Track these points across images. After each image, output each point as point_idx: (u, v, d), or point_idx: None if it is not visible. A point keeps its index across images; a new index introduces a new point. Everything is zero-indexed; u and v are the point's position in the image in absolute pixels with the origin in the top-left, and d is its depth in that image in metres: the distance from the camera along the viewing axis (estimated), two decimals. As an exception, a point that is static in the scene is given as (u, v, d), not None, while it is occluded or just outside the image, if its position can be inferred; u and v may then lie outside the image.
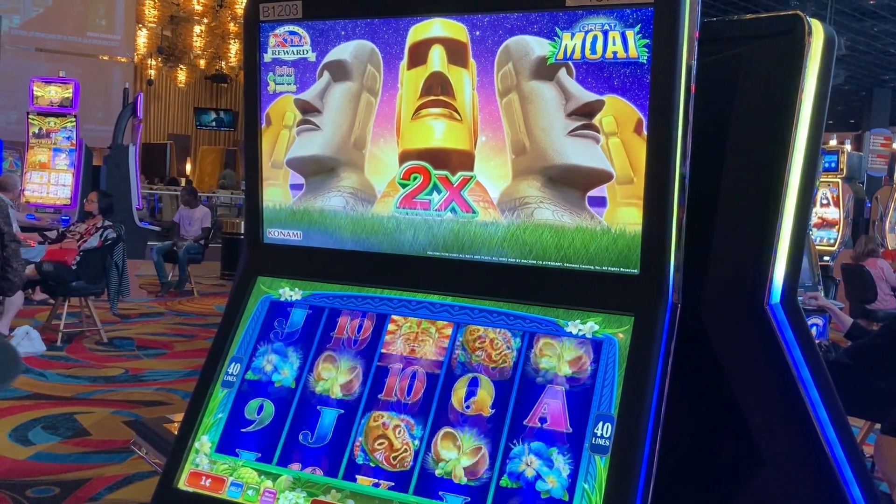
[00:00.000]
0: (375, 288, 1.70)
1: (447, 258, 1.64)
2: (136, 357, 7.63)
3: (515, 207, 1.57)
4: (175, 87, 22.93)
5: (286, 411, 1.63)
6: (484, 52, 1.56)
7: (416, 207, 1.65)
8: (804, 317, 1.72)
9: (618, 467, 1.36)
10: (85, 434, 5.44)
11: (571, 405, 1.45)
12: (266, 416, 1.65)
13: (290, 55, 1.73)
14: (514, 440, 1.46)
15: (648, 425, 1.38)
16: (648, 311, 1.47)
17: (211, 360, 1.72)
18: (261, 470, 1.58)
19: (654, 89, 1.42)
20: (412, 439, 1.52)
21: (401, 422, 1.55)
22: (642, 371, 1.42)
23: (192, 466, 1.63)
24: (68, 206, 10.96)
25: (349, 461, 1.54)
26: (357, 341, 1.66)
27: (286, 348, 1.71)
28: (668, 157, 1.43)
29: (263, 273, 1.80)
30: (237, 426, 1.65)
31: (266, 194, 1.80)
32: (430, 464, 1.49)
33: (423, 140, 1.63)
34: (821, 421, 1.70)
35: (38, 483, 4.54)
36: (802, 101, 1.63)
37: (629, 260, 1.49)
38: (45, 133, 11.07)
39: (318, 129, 1.73)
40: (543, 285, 1.56)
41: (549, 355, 1.51)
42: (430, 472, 1.48)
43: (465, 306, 1.62)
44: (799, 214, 1.66)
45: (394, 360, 1.62)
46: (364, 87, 1.67)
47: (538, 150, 1.53)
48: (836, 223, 11.60)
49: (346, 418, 1.59)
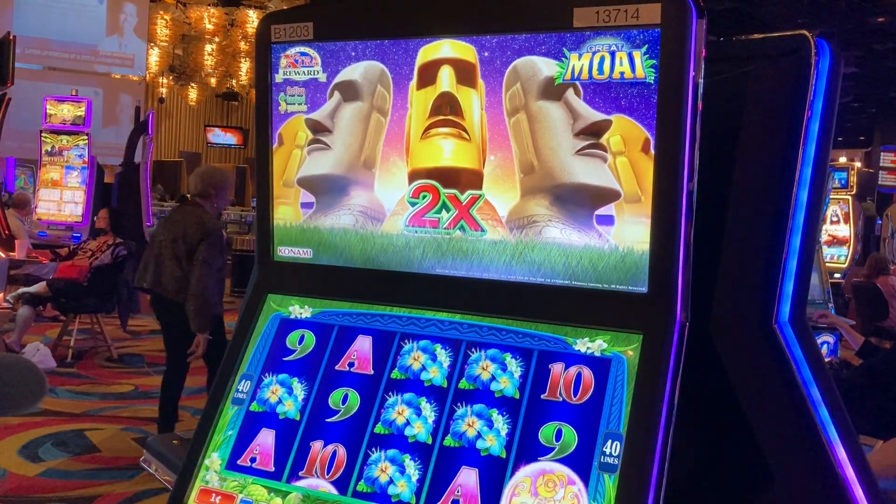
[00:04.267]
0: (385, 305, 1.71)
1: (456, 276, 1.65)
2: (146, 374, 7.65)
3: (524, 226, 1.58)
4: (186, 105, 23.11)
5: (295, 429, 1.64)
6: (492, 73, 1.58)
7: (425, 225, 1.67)
8: (813, 335, 1.72)
9: (627, 486, 1.36)
10: (94, 451, 5.45)
11: (580, 424, 1.45)
12: (275, 433, 1.65)
13: (301, 76, 1.75)
14: (524, 459, 1.46)
15: (657, 444, 1.38)
16: (657, 329, 1.47)
17: (221, 377, 1.73)
18: (271, 487, 1.59)
19: (661, 109, 1.44)
20: (418, 462, 1.53)
21: (407, 446, 1.55)
22: (651, 389, 1.43)
23: (203, 483, 1.64)
24: (80, 223, 11.03)
25: (357, 479, 1.54)
26: (366, 359, 1.67)
27: (296, 367, 1.71)
28: (675, 175, 1.44)
29: (274, 290, 1.82)
30: (248, 443, 1.65)
31: (277, 212, 1.82)
32: (437, 485, 1.49)
33: (432, 159, 1.65)
34: (831, 441, 1.69)
35: (48, 500, 4.55)
36: (810, 119, 1.64)
37: (637, 278, 1.49)
38: (57, 151, 11.17)
39: (328, 148, 1.75)
40: (552, 303, 1.57)
41: (558, 373, 1.52)
42: (439, 495, 1.48)
43: (474, 324, 1.62)
44: (807, 232, 1.67)
45: (401, 377, 1.62)
46: (374, 107, 1.69)
47: (546, 168, 1.55)
48: (846, 240, 11.55)
49: (355, 436, 1.60)
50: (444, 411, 1.56)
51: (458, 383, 1.58)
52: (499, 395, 1.54)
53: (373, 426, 1.59)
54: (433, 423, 1.55)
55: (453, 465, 1.50)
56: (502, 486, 1.45)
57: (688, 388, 1.51)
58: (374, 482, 1.53)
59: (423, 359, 1.62)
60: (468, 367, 1.59)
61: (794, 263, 1.67)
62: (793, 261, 1.67)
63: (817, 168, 1.66)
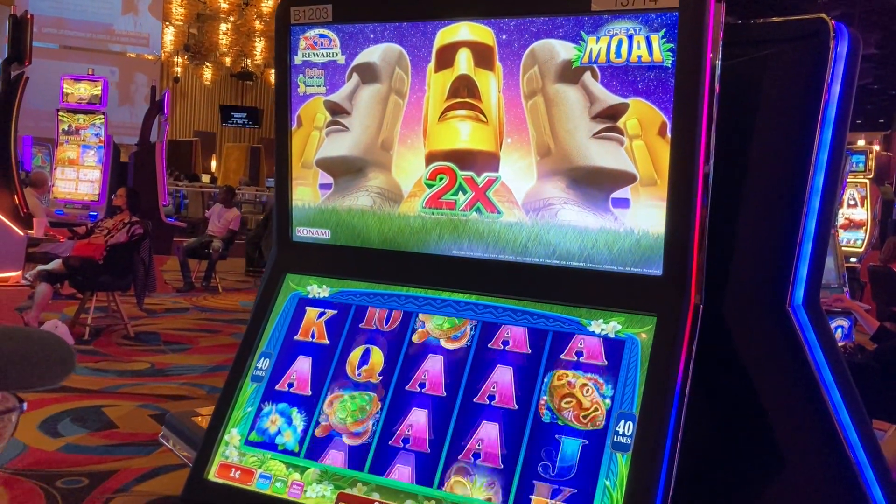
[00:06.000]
0: (401, 286, 1.73)
1: (472, 257, 1.67)
2: (162, 351, 7.72)
3: (540, 208, 1.59)
4: (201, 85, 23.14)
5: (314, 407, 1.67)
6: (510, 56, 1.58)
7: (441, 207, 1.68)
8: (827, 319, 1.73)
9: (639, 465, 1.38)
10: (112, 427, 5.53)
11: (592, 404, 1.47)
12: (294, 410, 1.68)
13: (320, 58, 1.77)
14: (538, 435, 1.49)
15: (670, 424, 1.40)
16: (671, 311, 1.49)
17: (241, 355, 1.76)
18: (289, 463, 1.62)
19: (678, 93, 1.44)
20: (437, 433, 1.55)
21: (426, 417, 1.58)
22: (664, 371, 1.44)
23: (222, 458, 1.67)
24: (96, 202, 11.12)
25: (375, 455, 1.57)
26: (383, 338, 1.70)
27: (314, 345, 1.74)
28: (691, 159, 1.45)
29: (292, 270, 1.84)
30: (267, 419, 1.68)
31: (295, 194, 1.84)
32: (453, 457, 1.52)
33: (449, 141, 1.66)
34: (842, 423, 1.70)
35: (68, 474, 4.63)
36: (827, 104, 1.64)
37: (652, 261, 1.51)
38: (74, 130, 11.24)
39: (346, 130, 1.76)
40: (567, 285, 1.58)
41: (572, 354, 1.54)
42: (453, 464, 1.51)
43: (490, 305, 1.64)
44: (822, 216, 1.67)
45: (419, 356, 1.65)
46: (392, 90, 1.70)
47: (563, 151, 1.56)
48: (863, 224, 11.45)
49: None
50: (462, 382, 1.58)
51: (472, 365, 1.60)
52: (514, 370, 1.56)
53: (389, 404, 1.62)
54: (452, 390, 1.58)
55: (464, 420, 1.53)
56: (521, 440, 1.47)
57: (701, 370, 1.52)
58: (388, 459, 1.56)
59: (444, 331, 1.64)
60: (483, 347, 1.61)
61: (808, 247, 1.68)
62: (807, 245, 1.67)
63: (833, 153, 1.66)
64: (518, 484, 1.45)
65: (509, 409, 1.51)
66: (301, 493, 1.58)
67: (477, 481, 1.47)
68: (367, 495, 1.53)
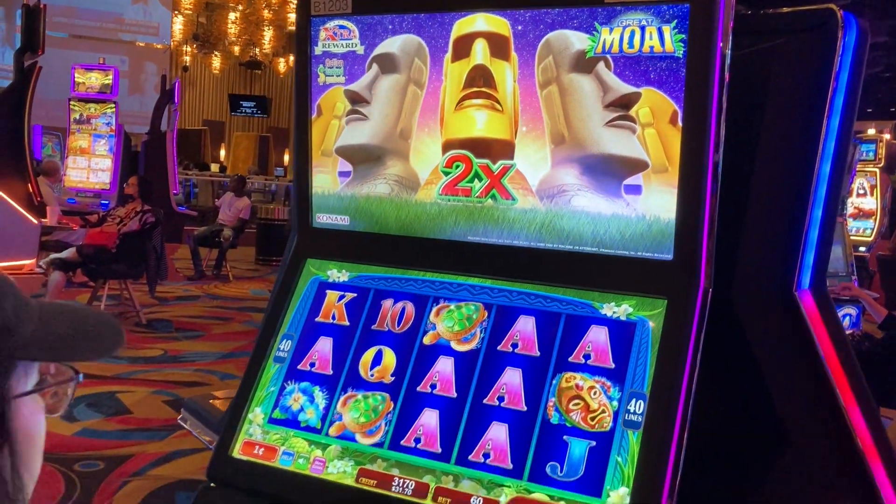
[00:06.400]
0: (418, 270, 1.79)
1: (487, 243, 1.72)
2: (175, 339, 7.81)
3: (554, 195, 1.64)
4: (210, 74, 23.18)
5: (334, 387, 1.73)
6: (525, 46, 1.63)
7: (457, 194, 1.73)
8: (833, 303, 1.78)
9: (649, 442, 1.44)
10: (127, 412, 5.61)
11: (606, 384, 1.53)
12: (316, 389, 1.74)
13: (340, 48, 1.82)
14: (553, 412, 1.54)
15: (679, 403, 1.45)
16: (681, 295, 1.54)
17: (263, 336, 1.82)
18: (311, 440, 1.68)
19: (689, 83, 1.49)
20: (453, 414, 1.61)
21: (443, 396, 1.63)
22: (674, 352, 1.49)
23: (246, 436, 1.73)
24: (107, 190, 11.20)
25: (394, 434, 1.63)
26: (401, 321, 1.75)
27: (335, 326, 1.80)
28: (701, 147, 1.49)
29: (312, 255, 1.89)
30: (289, 399, 1.74)
31: (315, 181, 1.89)
32: (468, 438, 1.58)
33: (465, 130, 1.71)
34: (847, 406, 1.75)
35: (85, 458, 4.71)
36: (834, 93, 1.68)
37: (663, 246, 1.55)
38: (85, 119, 11.31)
39: (366, 118, 1.81)
40: (580, 269, 1.63)
41: (584, 338, 1.59)
42: (469, 444, 1.57)
43: (504, 289, 1.69)
44: (829, 204, 1.72)
45: (435, 339, 1.70)
46: (411, 80, 1.75)
47: (576, 139, 1.60)
48: (873, 213, 11.43)
49: (392, 394, 1.68)
50: (476, 370, 1.63)
51: (488, 346, 1.65)
52: (526, 356, 1.61)
53: (408, 383, 1.67)
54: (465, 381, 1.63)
55: (485, 420, 1.58)
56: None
57: (710, 352, 1.57)
58: (406, 436, 1.61)
59: (457, 320, 1.69)
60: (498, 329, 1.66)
61: (815, 234, 1.72)
62: (814, 231, 1.72)
63: (840, 141, 1.70)
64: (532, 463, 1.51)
65: (518, 410, 1.57)
66: (323, 469, 1.63)
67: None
68: (386, 471, 1.59)
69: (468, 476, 1.53)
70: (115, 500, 4.25)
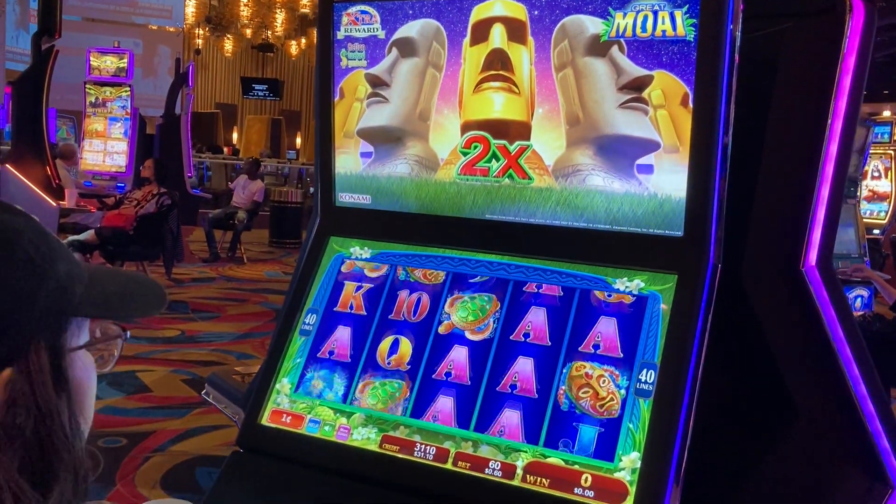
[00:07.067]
0: (438, 248, 1.85)
1: (504, 221, 1.78)
2: (191, 319, 7.92)
3: (569, 174, 1.70)
4: (222, 57, 23.23)
5: (358, 358, 1.80)
6: (542, 30, 1.69)
7: (476, 174, 1.80)
8: (838, 280, 1.83)
9: (659, 409, 1.51)
10: (147, 391, 5.73)
11: (619, 354, 1.60)
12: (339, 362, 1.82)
13: (361, 32, 1.88)
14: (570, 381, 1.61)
15: (688, 373, 1.52)
16: (691, 270, 1.60)
17: (289, 311, 1.89)
18: (336, 408, 1.76)
19: (699, 66, 1.54)
20: (471, 387, 1.68)
21: (462, 366, 1.71)
22: (683, 324, 1.56)
23: (274, 405, 1.81)
24: (123, 173, 11.31)
25: (416, 402, 1.71)
26: (418, 307, 1.82)
27: (357, 302, 1.87)
28: (711, 128, 1.55)
29: (335, 233, 1.97)
30: (314, 370, 1.82)
31: (338, 162, 1.96)
32: (486, 406, 1.65)
33: (483, 112, 1.77)
34: (853, 378, 1.81)
35: (108, 434, 4.83)
36: (841, 75, 1.73)
37: (674, 223, 1.62)
38: (101, 102, 11.40)
39: (386, 101, 1.88)
40: (593, 246, 1.70)
41: (599, 310, 1.66)
42: (487, 410, 1.64)
43: (521, 265, 1.76)
44: (836, 183, 1.77)
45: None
46: (429, 63, 1.81)
47: (591, 121, 1.66)
48: (887, 196, 11.36)
49: (413, 369, 1.75)
50: (493, 344, 1.71)
51: (505, 320, 1.72)
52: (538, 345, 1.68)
53: (427, 357, 1.75)
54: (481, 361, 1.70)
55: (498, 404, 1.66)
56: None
57: (720, 327, 1.64)
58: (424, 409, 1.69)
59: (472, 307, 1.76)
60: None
61: (822, 212, 1.78)
62: (821, 210, 1.77)
63: (847, 122, 1.75)
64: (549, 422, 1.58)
65: (530, 397, 1.63)
66: (348, 436, 1.71)
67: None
68: (409, 437, 1.66)
69: (486, 442, 1.60)
70: (138, 474, 4.37)
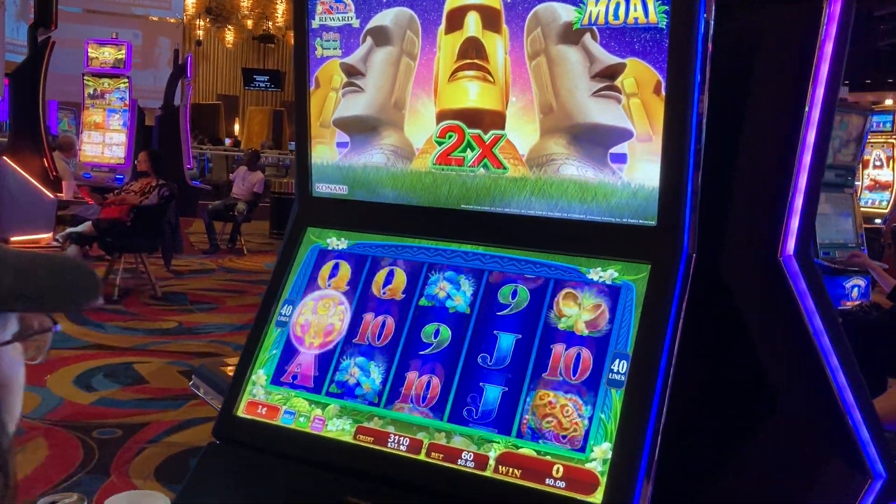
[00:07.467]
0: (414, 238, 1.85)
1: (479, 211, 1.77)
2: (189, 311, 7.93)
3: (543, 163, 1.69)
4: (223, 48, 23.19)
5: (333, 349, 1.80)
6: (515, 19, 1.67)
7: (451, 164, 1.79)
8: (818, 269, 1.82)
9: (631, 399, 1.50)
10: (143, 382, 5.75)
11: (591, 345, 1.59)
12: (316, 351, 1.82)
13: (336, 21, 1.86)
14: (539, 375, 1.60)
15: (661, 363, 1.51)
16: (664, 260, 1.59)
17: (266, 302, 1.89)
18: (311, 400, 1.76)
19: (672, 53, 1.53)
20: (445, 377, 1.68)
21: (438, 354, 1.70)
22: (656, 314, 1.55)
23: (250, 397, 1.81)
24: (122, 165, 11.32)
25: (391, 391, 1.70)
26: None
27: (333, 293, 1.87)
28: (684, 116, 1.54)
29: (313, 224, 1.96)
30: (290, 361, 1.82)
31: (315, 152, 1.95)
32: (461, 397, 1.64)
33: (458, 101, 1.76)
34: (832, 369, 1.80)
35: (103, 425, 4.85)
36: (819, 63, 1.71)
37: (647, 212, 1.61)
38: (99, 94, 11.40)
39: (361, 90, 1.87)
40: (567, 236, 1.69)
41: (572, 302, 1.65)
42: (461, 404, 1.63)
43: (496, 255, 1.75)
44: (814, 171, 1.75)
45: (430, 302, 1.77)
46: (404, 52, 1.80)
47: (564, 109, 1.65)
48: (889, 185, 11.32)
49: (387, 356, 1.75)
50: (468, 334, 1.70)
51: (480, 310, 1.71)
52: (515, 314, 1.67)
53: (403, 346, 1.74)
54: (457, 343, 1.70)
55: (475, 379, 1.65)
56: (518, 400, 1.59)
57: (696, 316, 1.63)
58: (401, 395, 1.68)
59: (448, 288, 1.76)
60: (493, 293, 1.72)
61: (800, 201, 1.76)
62: (799, 198, 1.76)
63: (825, 110, 1.73)
64: (519, 422, 1.57)
65: (508, 377, 1.63)
66: (323, 427, 1.71)
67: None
68: (382, 428, 1.66)
69: (460, 433, 1.60)
70: (132, 465, 4.38)
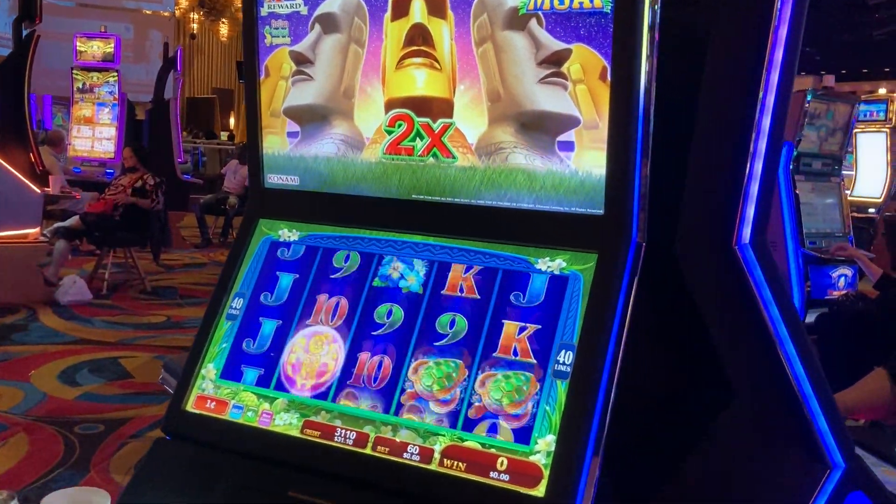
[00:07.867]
0: (366, 229, 1.82)
1: (430, 201, 1.75)
2: (178, 305, 7.92)
3: (491, 152, 1.66)
4: (217, 41, 23.10)
5: (282, 341, 1.78)
6: (461, 4, 1.64)
7: (401, 153, 1.76)
8: (773, 258, 1.79)
9: (576, 391, 1.47)
10: (128, 377, 5.73)
11: (539, 336, 1.56)
12: (263, 346, 1.79)
13: (284, 9, 1.83)
14: (486, 365, 1.58)
15: (607, 353, 1.48)
16: (611, 249, 1.56)
17: (216, 295, 1.86)
18: (259, 394, 1.73)
19: (616, 38, 1.50)
20: (393, 367, 1.65)
21: (385, 350, 1.68)
22: (603, 305, 1.52)
23: (199, 391, 1.79)
24: (112, 159, 11.28)
25: (338, 386, 1.68)
26: (348, 278, 1.79)
27: (283, 287, 1.84)
28: (629, 102, 1.51)
29: (264, 216, 1.93)
30: (239, 355, 1.79)
31: (266, 142, 1.93)
32: (408, 387, 1.62)
33: (406, 88, 1.73)
34: (788, 356, 1.78)
35: (85, 421, 4.83)
36: (773, 47, 1.68)
37: (595, 201, 1.58)
38: (88, 88, 11.35)
39: (311, 79, 1.84)
40: (516, 226, 1.66)
41: (520, 291, 1.62)
42: (408, 393, 1.61)
43: (446, 246, 1.73)
44: (769, 158, 1.73)
45: (380, 294, 1.74)
46: (352, 39, 1.77)
47: (511, 97, 1.62)
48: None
49: (338, 344, 1.73)
50: (420, 316, 1.68)
51: (431, 294, 1.69)
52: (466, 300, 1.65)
53: (353, 339, 1.72)
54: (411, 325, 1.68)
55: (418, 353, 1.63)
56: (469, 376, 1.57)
57: (650, 306, 1.60)
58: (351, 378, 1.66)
59: (402, 268, 1.73)
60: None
61: (755, 188, 1.73)
62: (754, 185, 1.73)
63: (780, 96, 1.70)
64: (465, 411, 1.55)
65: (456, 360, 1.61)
66: (270, 422, 1.69)
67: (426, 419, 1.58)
68: (329, 422, 1.64)
69: (405, 426, 1.58)
70: (113, 461, 4.36)
